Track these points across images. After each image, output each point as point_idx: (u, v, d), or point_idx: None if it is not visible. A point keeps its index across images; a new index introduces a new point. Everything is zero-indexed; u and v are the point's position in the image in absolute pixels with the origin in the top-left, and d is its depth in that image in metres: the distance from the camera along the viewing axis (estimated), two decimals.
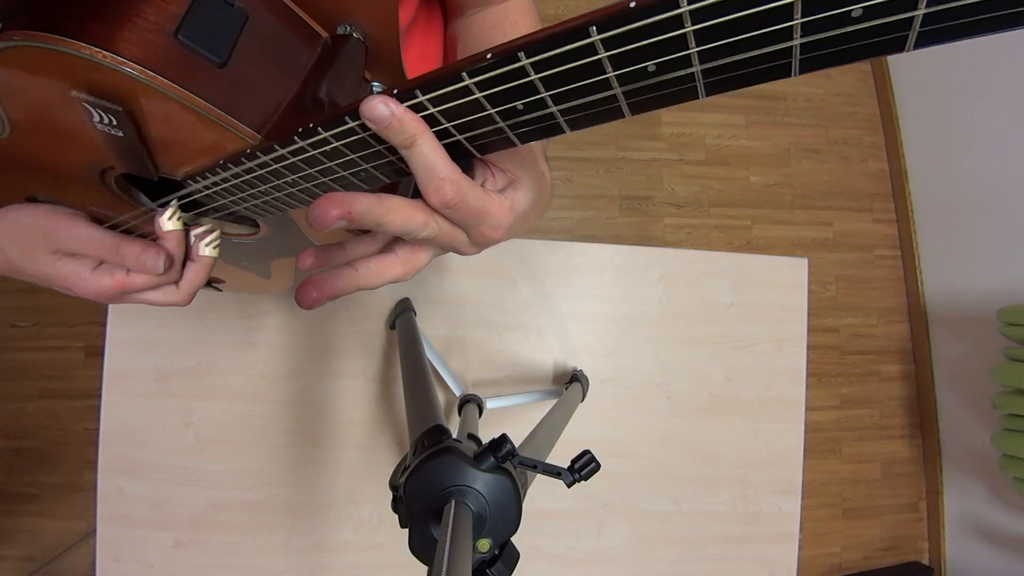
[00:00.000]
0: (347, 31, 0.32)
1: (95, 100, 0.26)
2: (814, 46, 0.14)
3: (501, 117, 0.19)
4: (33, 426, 1.54)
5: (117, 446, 0.74)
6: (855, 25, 0.13)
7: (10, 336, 1.56)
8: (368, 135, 0.23)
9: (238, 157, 0.28)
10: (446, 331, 0.78)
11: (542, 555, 0.78)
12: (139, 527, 0.73)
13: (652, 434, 0.80)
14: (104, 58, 0.23)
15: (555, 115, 0.19)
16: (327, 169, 0.26)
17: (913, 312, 1.83)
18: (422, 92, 0.19)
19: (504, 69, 0.17)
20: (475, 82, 0.18)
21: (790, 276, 0.83)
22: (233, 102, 0.27)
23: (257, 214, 0.35)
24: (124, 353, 0.74)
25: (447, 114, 0.20)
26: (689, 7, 0.14)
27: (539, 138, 0.20)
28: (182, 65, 0.25)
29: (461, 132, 0.21)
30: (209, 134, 0.28)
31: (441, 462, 0.37)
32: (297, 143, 0.24)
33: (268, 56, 0.29)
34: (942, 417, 1.75)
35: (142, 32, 0.24)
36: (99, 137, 0.28)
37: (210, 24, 0.26)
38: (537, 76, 0.17)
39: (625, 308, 0.81)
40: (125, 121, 0.27)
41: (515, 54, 0.16)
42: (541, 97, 0.18)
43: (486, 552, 0.36)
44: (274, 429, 0.75)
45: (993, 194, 1.57)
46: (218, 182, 0.31)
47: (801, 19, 0.13)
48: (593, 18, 0.15)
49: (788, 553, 0.81)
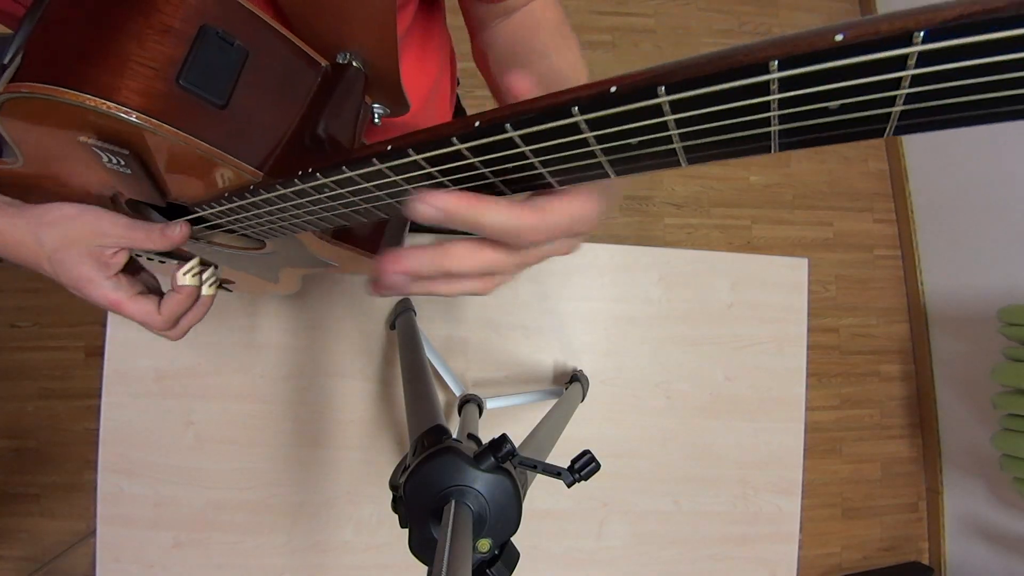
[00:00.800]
0: (347, 59, 0.33)
1: (103, 145, 0.26)
2: (791, 133, 0.15)
3: (494, 175, 0.20)
4: (33, 426, 1.55)
5: (117, 446, 0.74)
6: (832, 117, 0.14)
7: (10, 336, 1.56)
8: (369, 184, 0.23)
9: (242, 192, 0.28)
10: (446, 331, 0.78)
11: (542, 555, 0.78)
12: (139, 527, 0.73)
13: (652, 434, 0.80)
14: (108, 108, 0.24)
15: (544, 176, 0.19)
16: (328, 207, 0.26)
17: (913, 312, 1.83)
18: (414, 151, 0.20)
19: (493, 139, 0.18)
20: (467, 147, 0.19)
21: (790, 276, 0.83)
22: (235, 142, 0.27)
23: (264, 236, 0.35)
24: (124, 353, 0.74)
25: (442, 171, 0.20)
26: (668, 97, 0.14)
27: (530, 190, 0.21)
28: (184, 110, 0.26)
29: (455, 185, 0.21)
30: (213, 171, 0.28)
31: (441, 462, 0.37)
32: (298, 185, 0.25)
33: (269, 89, 0.30)
34: (942, 417, 1.75)
35: (144, 80, 0.25)
36: (108, 172, 0.29)
37: (211, 67, 0.27)
38: (527, 148, 0.18)
39: (625, 308, 0.81)
40: (132, 161, 0.27)
41: (502, 125, 0.17)
42: (530, 162, 0.19)
43: (486, 552, 0.36)
44: (274, 429, 0.75)
45: (993, 194, 1.57)
46: (224, 212, 0.31)
47: (778, 111, 0.14)
48: (576, 97, 0.16)
49: (788, 553, 0.81)
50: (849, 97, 0.13)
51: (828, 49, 0.12)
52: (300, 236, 0.36)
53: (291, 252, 0.41)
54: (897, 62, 0.12)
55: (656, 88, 0.14)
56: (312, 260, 0.42)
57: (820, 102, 0.13)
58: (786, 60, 0.12)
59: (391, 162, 0.21)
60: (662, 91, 0.14)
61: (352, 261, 0.41)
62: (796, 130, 0.15)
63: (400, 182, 0.22)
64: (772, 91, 0.13)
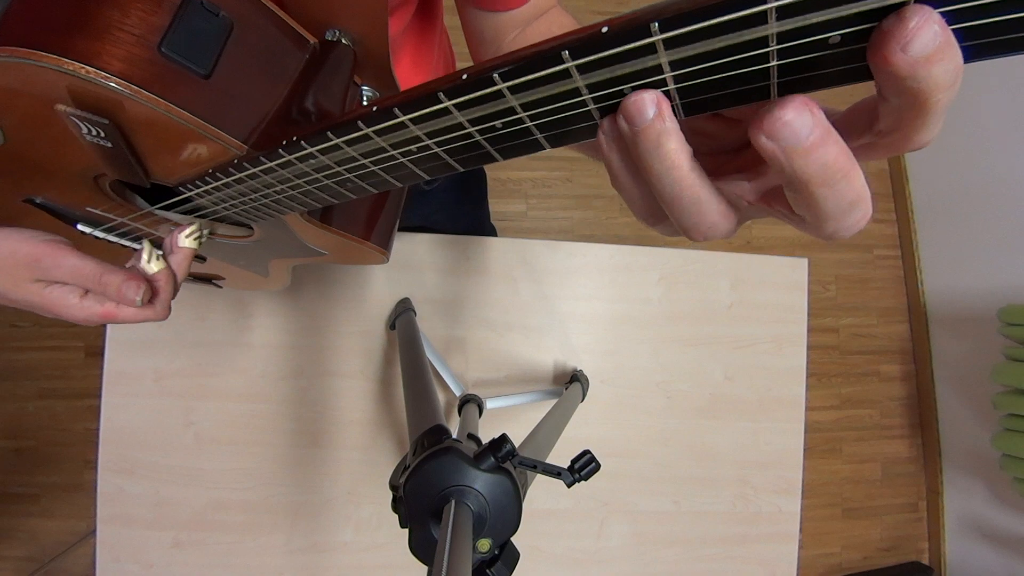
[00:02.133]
0: (335, 36, 0.32)
1: (82, 114, 0.26)
2: (791, 70, 0.14)
3: (481, 134, 0.19)
4: (33, 426, 1.55)
5: (117, 446, 0.74)
6: (831, 50, 0.13)
7: (10, 336, 1.56)
8: (352, 151, 0.22)
9: (226, 167, 0.28)
10: (446, 331, 0.78)
11: (542, 555, 0.78)
12: (139, 527, 0.73)
13: (652, 434, 0.80)
14: (88, 73, 0.24)
15: (533, 132, 0.19)
16: (313, 180, 0.26)
17: (913, 312, 1.83)
18: (401, 111, 0.19)
19: (481, 91, 0.17)
20: (455, 103, 0.18)
21: (790, 276, 0.83)
22: (218, 113, 0.27)
23: (249, 219, 0.35)
24: (124, 353, 0.74)
25: (429, 132, 0.20)
26: (662, 35, 0.14)
27: (522, 155, 0.20)
28: (166, 78, 0.25)
29: (441, 147, 0.21)
30: (196, 145, 0.28)
31: (441, 462, 0.37)
32: (283, 156, 0.24)
33: (255, 64, 0.29)
34: (942, 417, 1.75)
35: (126, 46, 0.24)
36: (89, 147, 0.28)
37: (194, 36, 0.26)
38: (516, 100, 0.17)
39: (625, 308, 0.81)
40: (113, 133, 0.27)
41: (490, 76, 0.17)
42: (519, 117, 0.18)
43: (486, 552, 0.36)
44: (274, 429, 0.75)
45: (993, 194, 1.57)
46: (208, 190, 0.31)
47: (777, 46, 0.13)
48: (565, 41, 0.15)
49: (788, 553, 0.81)
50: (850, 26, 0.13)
51: None
52: (288, 220, 0.36)
53: (279, 240, 0.41)
54: None
55: (649, 25, 0.14)
56: (301, 249, 0.42)
57: (820, 33, 0.13)
58: None
59: (377, 124, 0.20)
60: (655, 28, 0.14)
61: (342, 248, 0.41)
62: (796, 66, 0.14)
63: (386, 147, 0.21)
64: (771, 20, 0.13)
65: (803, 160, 0.15)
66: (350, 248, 0.40)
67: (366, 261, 0.43)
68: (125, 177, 0.31)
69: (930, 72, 0.13)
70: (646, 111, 0.16)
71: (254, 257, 0.47)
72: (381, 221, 0.41)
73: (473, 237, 0.79)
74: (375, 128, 0.20)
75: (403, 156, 0.22)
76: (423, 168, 0.23)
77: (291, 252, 0.44)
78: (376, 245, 0.40)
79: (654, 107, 0.16)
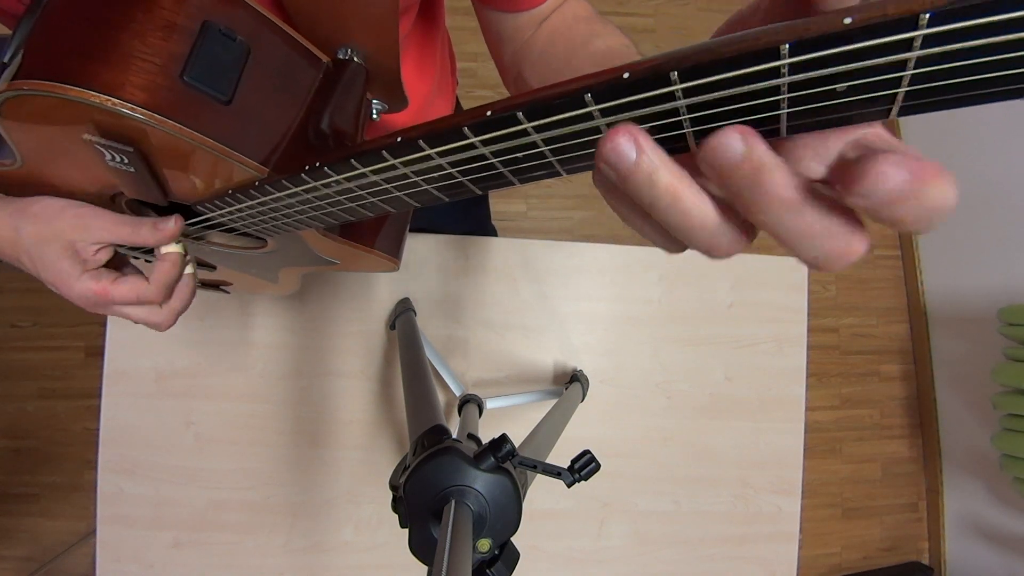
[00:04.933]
0: (347, 55, 0.33)
1: (106, 143, 0.26)
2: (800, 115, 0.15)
3: (503, 165, 0.20)
4: (33, 426, 1.55)
5: (117, 446, 0.74)
6: (839, 99, 0.14)
7: (10, 336, 1.56)
8: (378, 177, 0.23)
9: (246, 188, 0.28)
10: (446, 331, 0.78)
11: (542, 555, 0.78)
12: (139, 527, 0.73)
13: (652, 434, 0.80)
14: (114, 105, 0.24)
15: (554, 165, 0.19)
16: (335, 202, 0.26)
17: (913, 312, 1.83)
18: (426, 144, 0.20)
19: (505, 130, 0.18)
20: (480, 139, 0.19)
21: (790, 276, 0.83)
22: (240, 138, 0.27)
23: (266, 234, 0.35)
24: (124, 353, 0.74)
25: (453, 163, 0.20)
26: (681, 85, 0.14)
27: (539, 180, 0.21)
28: (188, 106, 0.26)
29: (464, 176, 0.21)
30: (218, 168, 0.28)
31: (441, 462, 0.37)
32: (307, 181, 0.25)
33: (272, 85, 0.29)
34: (942, 417, 1.75)
35: (148, 75, 0.25)
36: (110, 172, 0.29)
37: (214, 63, 0.26)
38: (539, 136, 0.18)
39: (625, 308, 0.81)
40: (136, 159, 0.27)
41: (515, 115, 0.17)
42: (541, 151, 0.18)
43: (486, 552, 0.36)
44: (274, 429, 0.75)
45: (993, 194, 1.57)
46: (228, 211, 0.31)
47: (788, 95, 0.14)
48: (587, 84, 0.15)
49: (788, 553, 0.81)
50: (856, 79, 0.13)
51: (837, 33, 0.12)
52: (303, 233, 0.36)
53: (292, 250, 0.41)
54: (904, 44, 0.12)
55: (669, 74, 0.14)
56: (313, 258, 0.42)
57: (828, 85, 0.14)
58: (796, 44, 0.13)
59: (402, 156, 0.21)
60: (675, 77, 0.14)
61: (354, 258, 0.41)
62: (804, 112, 0.15)
63: (409, 174, 0.22)
64: (783, 74, 0.13)
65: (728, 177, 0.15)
66: (362, 257, 0.41)
67: (376, 269, 0.44)
68: (145, 198, 0.32)
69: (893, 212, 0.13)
70: (627, 154, 0.15)
71: (265, 266, 0.48)
72: (393, 231, 0.42)
73: (473, 237, 0.79)
74: (401, 159, 0.21)
75: (426, 183, 0.22)
76: (444, 192, 0.23)
77: (303, 261, 0.44)
78: (387, 254, 0.41)
79: (632, 148, 0.15)
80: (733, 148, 0.14)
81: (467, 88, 0.68)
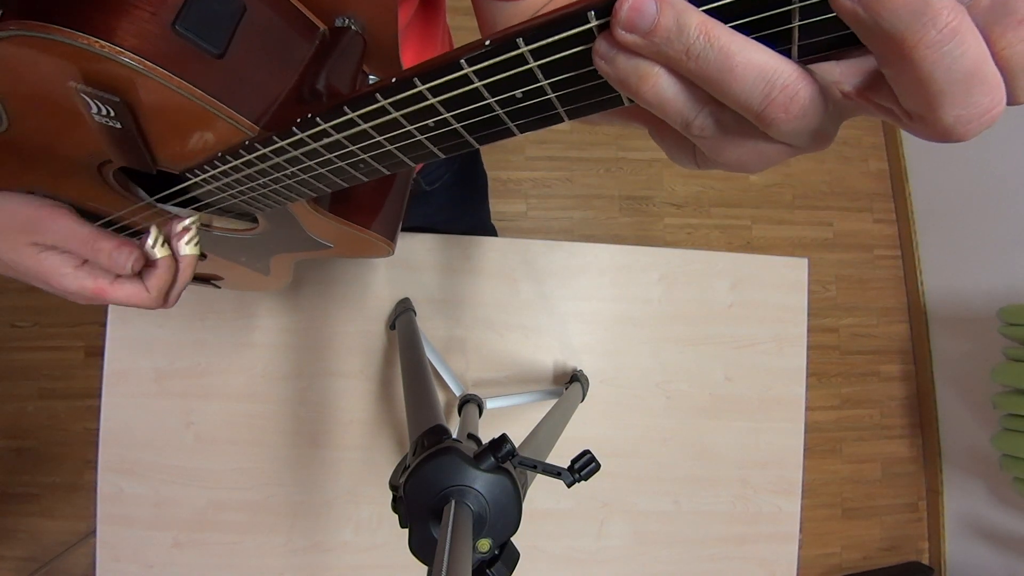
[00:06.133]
0: (345, 23, 0.32)
1: (93, 91, 0.25)
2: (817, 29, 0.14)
3: (501, 105, 0.19)
4: (33, 426, 1.55)
5: (117, 446, 0.74)
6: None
7: (10, 336, 1.56)
8: (368, 127, 0.22)
9: (236, 149, 0.28)
10: (446, 331, 0.78)
11: (542, 555, 0.78)
12: (139, 527, 0.73)
13: (652, 434, 0.80)
14: (103, 48, 0.23)
15: (554, 103, 0.19)
16: (326, 161, 0.26)
17: (913, 312, 1.83)
18: (420, 80, 0.19)
19: (503, 57, 0.17)
20: (474, 70, 0.18)
21: (790, 276, 0.83)
22: (231, 93, 0.27)
23: (256, 208, 0.35)
24: (124, 353, 0.74)
25: (445, 101, 0.20)
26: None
27: (538, 128, 0.20)
28: (180, 56, 0.25)
29: (459, 121, 0.21)
30: (207, 125, 0.28)
31: (441, 462, 0.37)
32: (296, 134, 0.24)
33: (266, 48, 0.29)
34: (942, 417, 1.75)
35: (140, 22, 0.24)
36: (97, 129, 0.28)
37: (208, 15, 0.26)
38: (537, 63, 0.17)
39: (625, 308, 0.81)
40: (123, 112, 0.27)
41: (514, 40, 0.16)
42: (541, 85, 0.18)
43: (486, 552, 0.36)
44: (274, 429, 0.75)
45: (993, 194, 1.57)
46: (217, 175, 0.31)
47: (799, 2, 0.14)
48: (591, 3, 0.15)
49: (788, 553, 0.81)
50: None
51: None
52: (294, 209, 0.36)
53: (284, 233, 0.41)
54: None
55: None
56: (306, 241, 0.42)
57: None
58: None
59: (395, 96, 0.20)
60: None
61: (348, 240, 0.41)
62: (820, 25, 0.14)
63: (403, 121, 0.21)
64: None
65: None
66: (356, 239, 0.40)
67: (372, 253, 0.43)
68: (132, 163, 0.31)
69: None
70: (647, 5, 0.14)
71: (256, 253, 0.47)
72: (388, 212, 0.41)
73: (473, 237, 0.79)
74: (392, 99, 0.20)
75: (420, 132, 0.22)
76: (440, 145, 0.22)
77: (296, 246, 0.44)
78: (383, 236, 0.40)
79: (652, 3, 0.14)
80: (647, 7, 0.14)
81: None
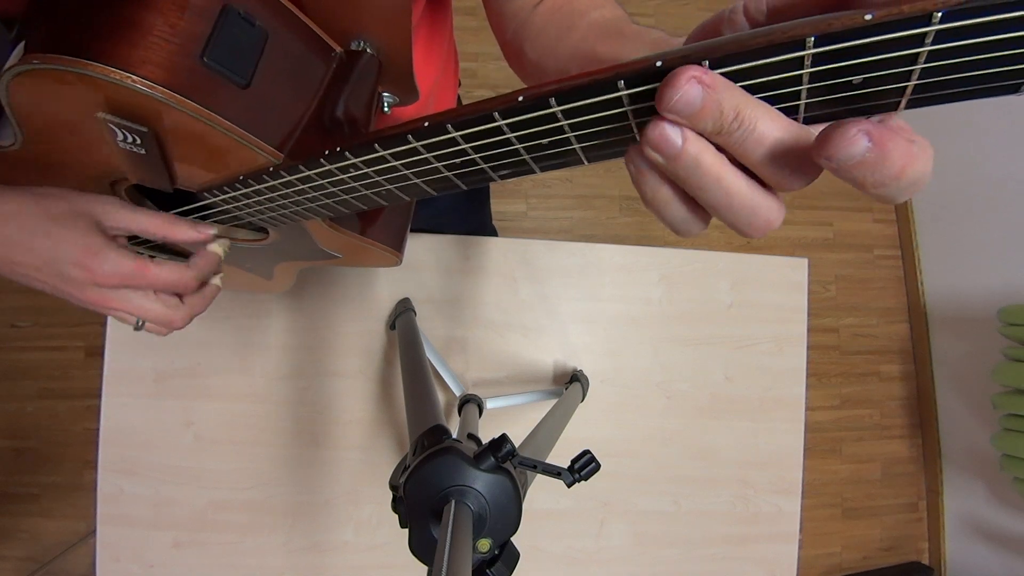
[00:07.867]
0: (360, 46, 0.32)
1: (121, 121, 0.26)
2: (816, 106, 0.16)
3: (527, 151, 0.20)
4: (33, 426, 1.55)
5: (117, 446, 0.74)
6: (854, 91, 0.15)
7: (10, 336, 1.56)
8: (398, 163, 0.23)
9: (260, 174, 0.28)
10: (446, 331, 0.78)
11: (542, 555, 0.78)
12: (139, 527, 0.73)
13: (652, 434, 0.80)
14: (134, 83, 0.23)
15: (577, 152, 0.20)
16: (351, 189, 0.26)
17: (913, 312, 1.83)
18: (453, 128, 0.20)
19: (535, 114, 0.18)
20: (507, 123, 0.19)
21: (790, 276, 0.83)
22: (256, 122, 0.27)
23: (271, 224, 0.35)
24: (124, 353, 0.74)
25: (476, 147, 0.21)
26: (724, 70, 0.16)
27: (559, 168, 0.21)
28: (207, 87, 0.25)
29: (486, 163, 0.21)
30: (232, 152, 0.28)
31: (441, 462, 0.37)
32: (324, 165, 0.25)
33: (287, 73, 0.29)
34: (942, 417, 1.75)
35: (168, 54, 0.24)
36: (120, 154, 0.28)
37: (234, 45, 0.26)
38: (567, 122, 0.18)
39: (625, 308, 0.81)
40: (149, 141, 0.27)
41: (546, 99, 0.17)
42: (566, 136, 0.19)
43: (486, 552, 0.36)
44: (274, 429, 0.75)
45: (993, 194, 1.57)
46: (236, 196, 0.31)
47: (808, 85, 0.15)
48: (620, 71, 0.16)
49: (788, 553, 0.81)
50: (872, 72, 0.14)
51: (859, 27, 0.13)
52: (308, 224, 0.36)
53: (294, 243, 0.41)
54: (916, 39, 0.13)
55: (700, 63, 0.15)
56: (316, 252, 0.42)
57: (846, 76, 0.15)
58: (821, 37, 0.14)
59: (427, 139, 0.20)
60: (706, 65, 0.15)
61: (357, 251, 0.41)
62: (822, 103, 0.16)
63: (431, 159, 0.22)
64: (805, 66, 0.15)
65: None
66: (365, 251, 0.40)
67: (378, 264, 0.43)
68: (150, 182, 0.31)
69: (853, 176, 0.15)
70: (673, 140, 0.16)
71: (262, 260, 0.47)
72: (397, 224, 0.42)
73: (473, 237, 0.79)
74: (424, 143, 0.21)
75: (447, 169, 0.22)
76: (464, 180, 0.23)
77: (303, 255, 0.44)
78: (392, 248, 0.41)
79: (679, 134, 0.16)
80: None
81: (467, 88, 0.68)
